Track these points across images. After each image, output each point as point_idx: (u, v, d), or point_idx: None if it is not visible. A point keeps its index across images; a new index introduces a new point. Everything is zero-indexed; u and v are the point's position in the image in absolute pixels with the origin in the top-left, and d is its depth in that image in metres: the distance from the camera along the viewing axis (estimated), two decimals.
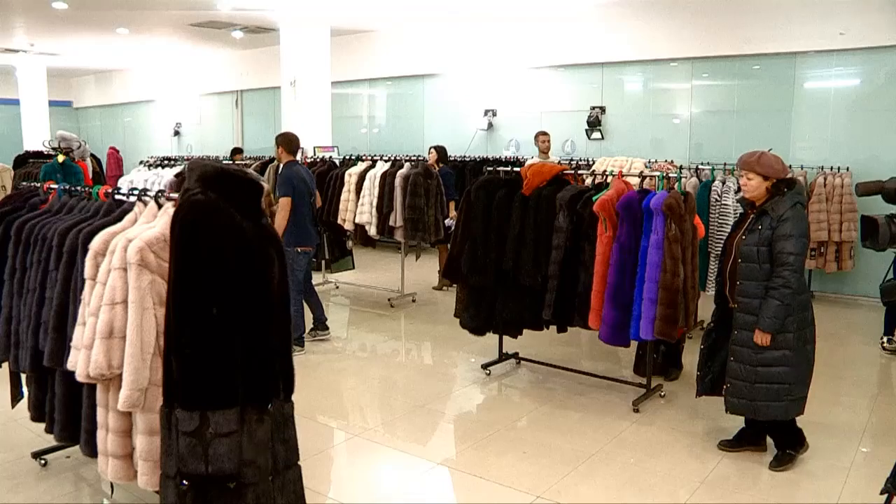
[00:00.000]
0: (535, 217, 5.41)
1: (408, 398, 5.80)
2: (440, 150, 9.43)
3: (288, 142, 6.83)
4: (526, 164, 6.09)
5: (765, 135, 9.06)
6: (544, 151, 9.41)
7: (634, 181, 5.44)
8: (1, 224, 4.11)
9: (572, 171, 5.83)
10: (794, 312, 4.21)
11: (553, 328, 5.69)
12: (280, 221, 6.43)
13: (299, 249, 6.65)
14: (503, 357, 6.31)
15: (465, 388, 5.95)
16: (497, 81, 11.82)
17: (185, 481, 2.76)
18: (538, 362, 6.33)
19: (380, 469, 4.67)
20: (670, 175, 5.29)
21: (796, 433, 4.49)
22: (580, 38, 10.76)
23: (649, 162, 7.12)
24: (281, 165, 6.88)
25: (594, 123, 10.74)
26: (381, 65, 13.17)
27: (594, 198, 5.13)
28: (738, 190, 6.06)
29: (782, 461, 4.43)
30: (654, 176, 5.39)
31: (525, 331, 5.82)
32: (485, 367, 6.19)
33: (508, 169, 5.96)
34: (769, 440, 4.59)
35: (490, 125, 11.83)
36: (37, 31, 13.56)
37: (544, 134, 9.57)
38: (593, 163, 7.56)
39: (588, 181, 5.74)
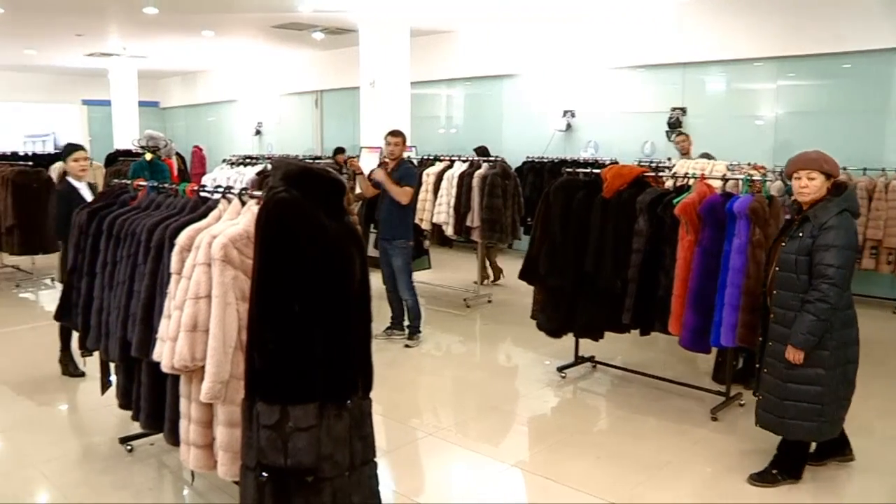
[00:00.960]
0: (615, 220, 5.35)
1: (481, 399, 5.80)
2: (481, 150, 9.44)
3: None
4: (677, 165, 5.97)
5: (856, 136, 8.74)
6: (685, 153, 9.18)
7: (716, 184, 5.32)
8: (94, 219, 4.29)
9: (653, 174, 5.74)
10: (834, 329, 3.93)
11: (633, 332, 5.60)
12: (399, 192, 6.67)
13: (411, 243, 6.92)
14: (579, 360, 6.25)
15: (539, 390, 5.92)
16: (576, 82, 11.70)
17: (264, 473, 2.81)
18: (614, 366, 6.26)
19: (452, 468, 4.69)
20: (755, 178, 5.14)
21: (801, 461, 4.25)
22: (661, 38, 10.57)
23: (732, 164, 6.95)
24: (392, 163, 6.95)
25: (675, 125, 10.53)
26: (459, 65, 13.19)
27: (675, 201, 5.03)
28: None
29: (765, 479, 4.21)
30: (738, 179, 5.26)
31: (604, 334, 5.75)
32: (560, 369, 6.14)
33: (588, 171, 5.90)
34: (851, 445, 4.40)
35: (568, 126, 11.72)
36: (129, 36, 14.04)
37: (682, 134, 9.38)
38: (674, 165, 7.42)
39: (669, 184, 5.64)
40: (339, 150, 12.83)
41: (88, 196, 5.83)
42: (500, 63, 12.49)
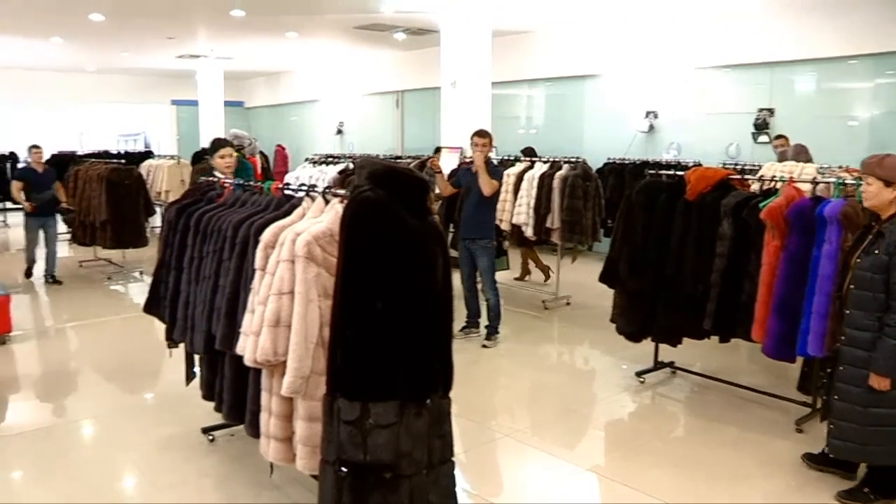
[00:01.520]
0: (699, 223, 5.23)
1: (558, 401, 5.76)
2: (528, 151, 9.34)
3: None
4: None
5: None
6: (786, 157, 8.92)
7: (806, 188, 5.14)
8: (182, 216, 4.42)
9: (738, 177, 5.59)
10: None
11: (714, 338, 5.47)
12: (489, 183, 6.66)
13: (495, 242, 6.94)
14: (658, 365, 6.14)
15: (617, 394, 5.84)
16: (659, 82, 11.49)
17: (343, 468, 2.84)
18: (695, 373, 6.12)
19: (528, 470, 4.66)
20: (848, 182, 4.95)
21: None
22: (748, 37, 10.26)
23: (822, 167, 6.71)
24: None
25: (762, 126, 10.23)
26: (540, 65, 13.11)
27: (762, 205, 4.89)
28: None
29: (856, 498, 3.99)
30: (830, 182, 5.07)
31: (683, 339, 5.63)
32: (639, 374, 6.05)
33: (671, 173, 5.79)
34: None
35: (651, 127, 11.52)
36: (216, 38, 14.44)
37: (781, 137, 9.12)
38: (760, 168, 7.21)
39: (755, 187, 5.48)
40: (438, 150, 12.89)
41: None
42: (582, 63, 12.36)
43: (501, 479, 4.63)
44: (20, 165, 17.33)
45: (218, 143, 5.97)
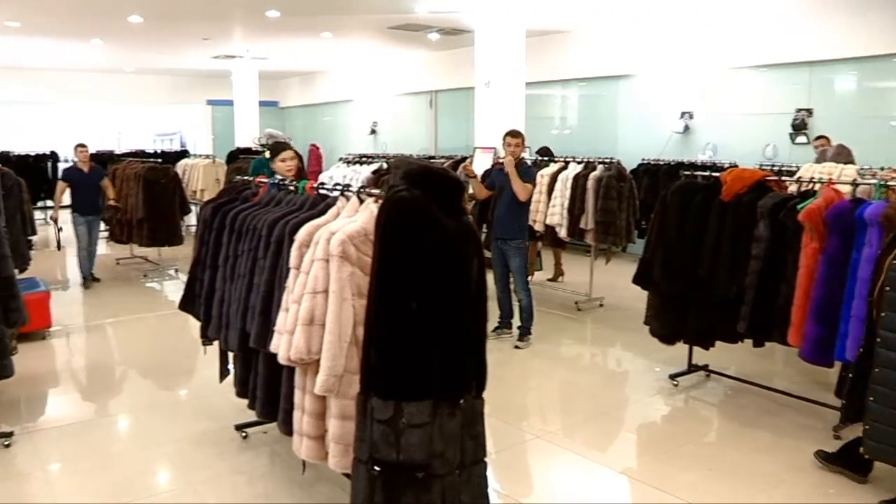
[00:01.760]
0: (734, 224, 5.16)
1: (590, 403, 5.73)
2: (543, 151, 9.30)
3: None
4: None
5: None
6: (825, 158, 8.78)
7: (845, 189, 5.05)
8: (218, 214, 4.47)
9: (775, 178, 5.51)
10: None
11: (748, 341, 5.40)
12: (521, 188, 6.66)
13: (528, 243, 6.94)
14: (692, 368, 6.08)
15: (650, 397, 5.79)
16: (694, 82, 11.37)
17: (376, 467, 2.85)
18: (729, 377, 6.05)
19: (559, 472, 4.64)
20: (890, 183, 4.85)
21: None
22: (785, 35, 10.10)
23: (863, 168, 6.59)
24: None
25: (799, 127, 10.07)
26: (574, 66, 13.05)
27: (800, 206, 4.81)
28: None
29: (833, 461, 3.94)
30: (871, 184, 4.97)
31: (718, 343, 5.56)
32: (672, 377, 5.99)
33: (707, 174, 5.73)
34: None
35: (686, 128, 11.40)
36: (251, 38, 14.57)
37: (822, 137, 8.94)
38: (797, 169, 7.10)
39: (792, 188, 5.40)
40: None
41: None
42: (616, 63, 12.29)
43: (532, 481, 4.62)
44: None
45: (279, 147, 5.83)
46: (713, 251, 5.25)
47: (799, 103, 10.14)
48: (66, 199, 9.86)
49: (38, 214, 13.41)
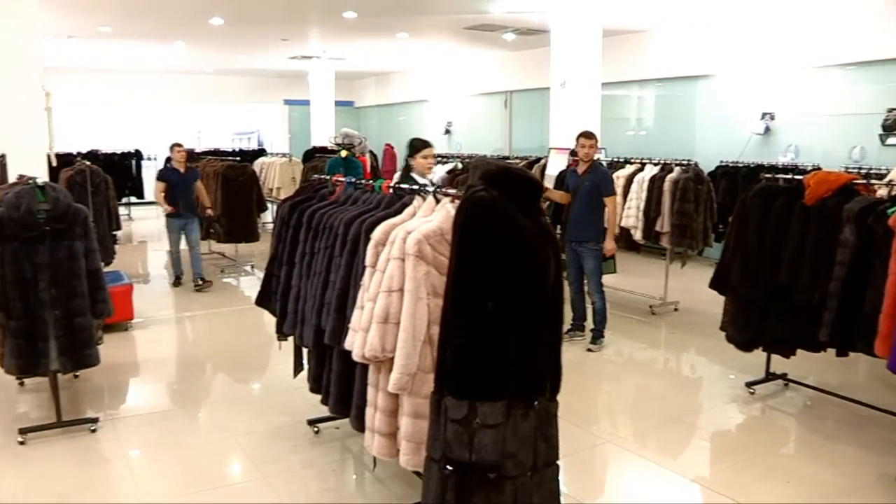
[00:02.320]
0: (818, 229, 5.00)
1: (662, 409, 5.63)
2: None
3: None
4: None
5: None
6: None
7: None
8: (295, 212, 4.54)
9: (863, 181, 5.31)
10: None
11: (831, 351, 5.22)
12: (615, 217, 6.77)
13: (602, 245, 6.85)
14: (770, 377, 5.91)
15: (724, 404, 5.66)
16: (776, 82, 11.03)
17: (448, 466, 2.85)
18: (809, 386, 5.86)
19: (630, 478, 4.59)
20: None
21: None
22: (874, 33, 9.68)
23: None
24: (584, 166, 6.93)
25: (890, 128, 9.65)
26: (651, 66, 12.83)
27: (890, 211, 4.62)
28: None
29: None
30: None
31: (798, 351, 5.39)
32: (749, 385, 5.84)
33: (789, 177, 5.57)
34: None
35: (767, 129, 11.08)
36: (328, 39, 14.77)
37: None
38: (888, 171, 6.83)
39: (882, 192, 5.19)
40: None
41: None
42: (695, 63, 12.03)
43: (602, 486, 4.57)
44: (147, 163, 18.33)
45: (420, 144, 5.65)
46: (795, 256, 5.09)
47: (890, 103, 9.72)
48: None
49: (121, 210, 13.86)
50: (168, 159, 10.08)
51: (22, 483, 4.38)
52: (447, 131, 18.59)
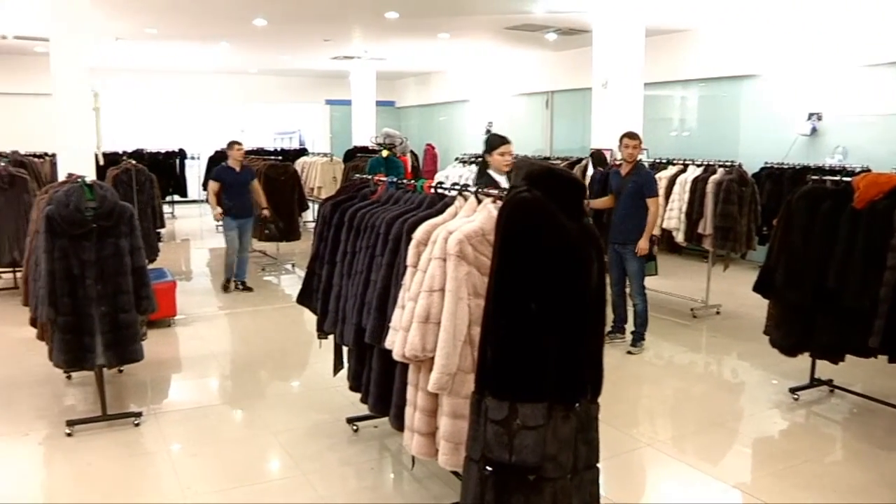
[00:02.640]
0: (867, 233, 4.88)
1: (702, 413, 5.56)
2: (595, 156, 9.01)
3: None
4: None
5: None
6: None
7: None
8: (337, 211, 4.57)
9: None
10: None
11: (881, 357, 5.08)
12: (655, 220, 6.69)
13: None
14: (815, 382, 5.80)
15: (767, 410, 5.56)
16: (824, 81, 10.80)
17: (488, 467, 2.84)
18: (856, 393, 5.73)
19: (669, 482, 4.54)
20: None
21: None
22: None
23: None
24: (627, 167, 6.87)
25: None
26: (694, 65, 12.67)
27: None
28: None
29: None
30: None
31: (845, 357, 5.28)
32: (793, 391, 5.73)
33: (836, 178, 5.46)
34: None
35: (814, 130, 10.87)
36: (370, 39, 14.84)
37: None
38: None
39: None
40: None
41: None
42: (740, 63, 11.84)
43: (642, 490, 4.52)
44: (191, 161, 18.60)
45: (496, 140, 5.53)
46: (844, 261, 4.98)
47: None
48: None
49: (165, 208, 14.06)
50: (212, 158, 10.11)
51: (70, 473, 4.48)
52: (488, 132, 18.53)
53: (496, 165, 5.38)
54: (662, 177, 8.30)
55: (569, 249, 2.85)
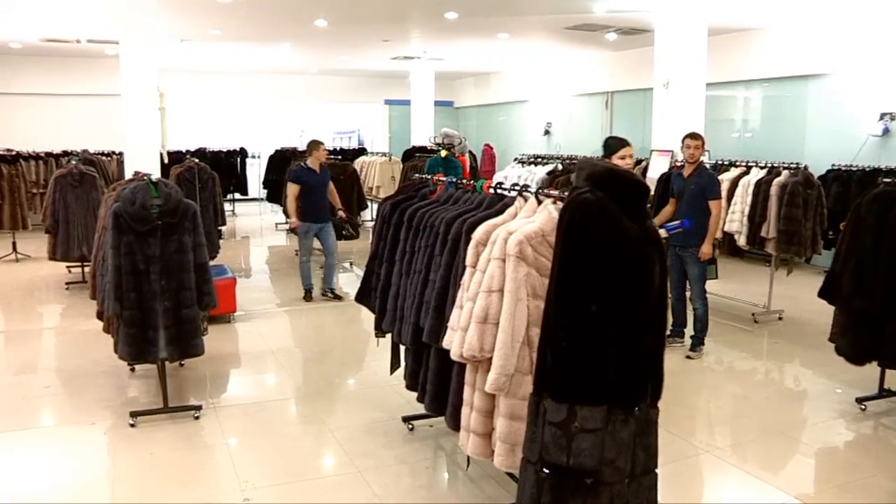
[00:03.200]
0: None
1: (763, 421, 5.43)
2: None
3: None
4: None
5: None
6: None
7: None
8: (396, 211, 4.59)
9: None
10: None
11: None
12: (717, 223, 6.57)
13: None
14: (884, 393, 5.61)
15: (831, 420, 5.41)
16: None
17: (545, 469, 2.83)
18: None
19: (728, 491, 4.45)
20: None
21: None
22: None
23: None
24: (689, 169, 6.78)
25: None
26: (759, 65, 12.39)
27: None
28: None
29: None
30: None
31: None
32: (859, 400, 5.56)
33: None
34: None
35: (886, 130, 10.52)
36: (429, 40, 14.88)
37: None
38: None
39: None
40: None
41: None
42: (807, 62, 11.54)
43: (700, 497, 4.44)
44: (252, 160, 18.92)
45: (616, 143, 5.17)
46: None
47: None
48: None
49: (226, 206, 14.32)
50: (272, 158, 10.19)
51: (133, 462, 4.60)
52: (546, 132, 18.44)
53: None
54: (725, 179, 8.14)
55: (630, 251, 2.82)
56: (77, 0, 10.15)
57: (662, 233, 5.37)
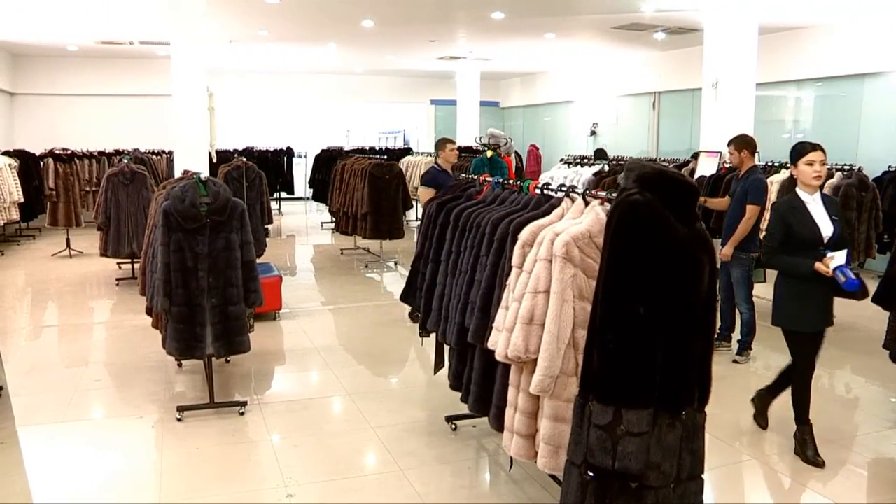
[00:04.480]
0: None
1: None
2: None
3: (748, 143, 6.68)
4: None
5: None
6: None
7: None
8: (442, 211, 4.60)
9: None
10: None
11: None
12: (746, 228, 6.38)
13: (754, 255, 6.51)
14: None
15: (885, 430, 5.27)
16: None
17: (590, 472, 2.81)
18: None
19: (774, 498, 4.38)
20: None
21: None
22: None
23: None
24: (742, 171, 6.68)
25: None
26: (810, 64, 12.14)
27: None
28: None
29: None
30: None
31: None
32: None
33: None
34: None
35: None
36: (475, 40, 14.88)
37: None
38: None
39: None
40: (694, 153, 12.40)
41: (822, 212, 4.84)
42: (862, 60, 11.26)
43: None
44: (298, 160, 19.10)
45: (807, 147, 4.93)
46: None
47: None
48: None
49: (273, 205, 14.48)
50: (318, 157, 10.24)
51: (179, 456, 4.67)
52: (593, 132, 18.31)
53: (803, 179, 4.78)
54: (774, 181, 7.99)
55: (680, 253, 2.79)
56: (130, 3, 10.38)
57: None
